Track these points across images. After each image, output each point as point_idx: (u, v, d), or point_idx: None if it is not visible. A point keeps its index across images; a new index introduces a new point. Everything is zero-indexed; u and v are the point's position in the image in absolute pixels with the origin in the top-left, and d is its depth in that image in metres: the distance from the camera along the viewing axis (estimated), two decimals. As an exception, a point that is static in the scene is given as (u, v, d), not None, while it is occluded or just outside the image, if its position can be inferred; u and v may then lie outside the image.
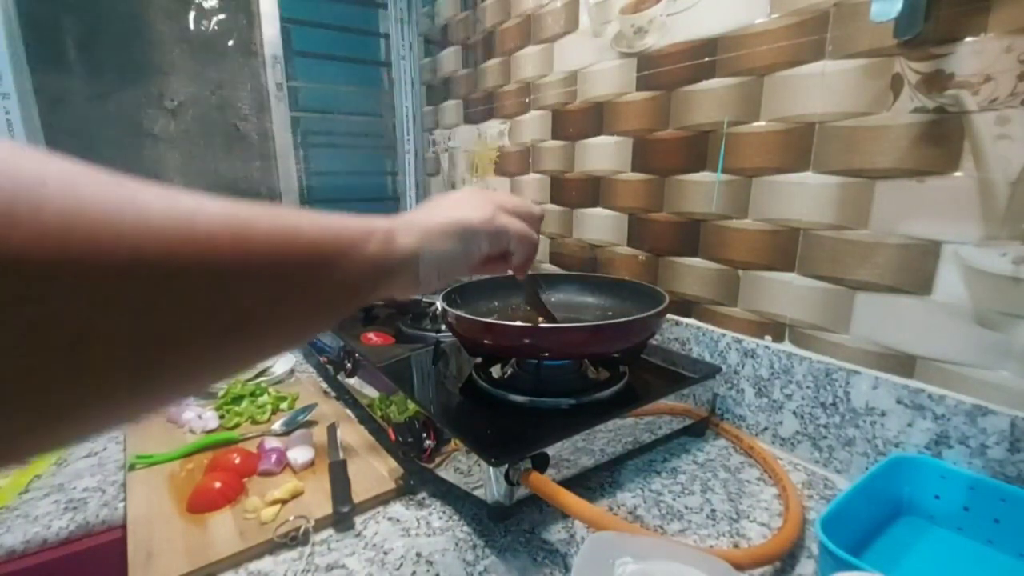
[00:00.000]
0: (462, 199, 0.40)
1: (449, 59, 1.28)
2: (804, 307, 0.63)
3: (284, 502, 0.54)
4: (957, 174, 0.49)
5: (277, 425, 0.70)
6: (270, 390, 0.79)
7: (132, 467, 0.61)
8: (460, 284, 0.79)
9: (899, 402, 0.54)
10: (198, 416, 0.71)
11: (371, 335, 0.80)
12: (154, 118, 1.18)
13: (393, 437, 0.62)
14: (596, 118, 0.88)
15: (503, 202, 0.41)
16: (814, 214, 0.60)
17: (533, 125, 1.02)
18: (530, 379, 0.63)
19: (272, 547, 0.49)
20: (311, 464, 0.61)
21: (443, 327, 0.79)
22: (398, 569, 0.47)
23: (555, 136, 0.97)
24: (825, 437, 0.61)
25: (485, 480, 0.49)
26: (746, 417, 0.70)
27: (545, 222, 1.02)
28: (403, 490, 0.57)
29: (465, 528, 0.52)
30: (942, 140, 0.49)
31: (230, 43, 1.23)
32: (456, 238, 0.37)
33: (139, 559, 0.47)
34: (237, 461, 0.60)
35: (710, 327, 0.73)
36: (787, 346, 0.65)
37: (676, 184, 0.76)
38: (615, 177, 0.86)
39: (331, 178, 1.47)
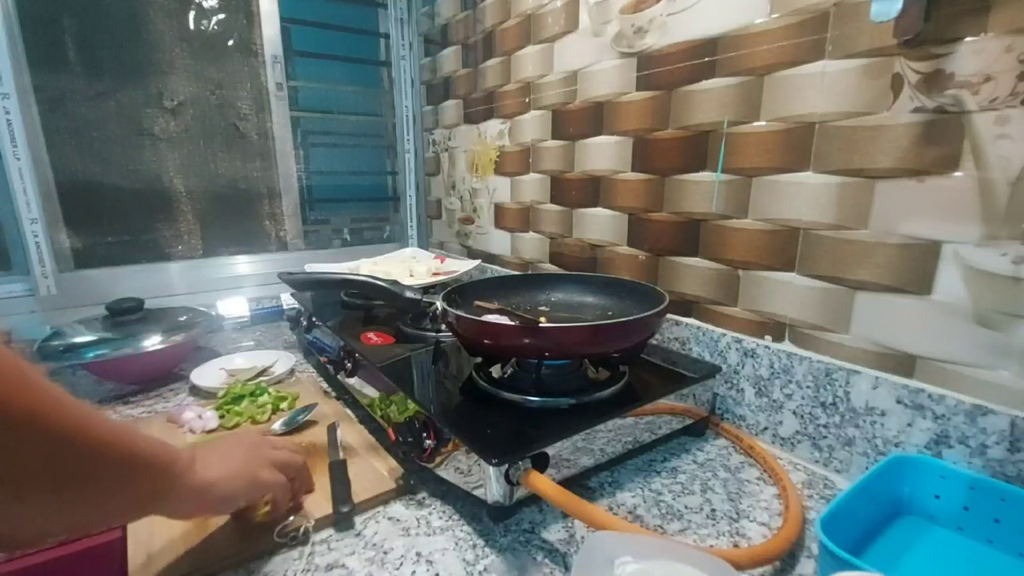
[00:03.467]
0: (237, 451, 0.48)
1: (449, 59, 1.28)
2: (804, 307, 0.63)
3: (284, 502, 0.54)
4: (957, 174, 0.49)
5: (277, 425, 0.70)
6: (270, 390, 0.79)
7: (132, 467, 0.61)
8: (460, 284, 0.79)
9: (899, 402, 0.54)
10: (198, 416, 0.71)
11: (371, 335, 0.80)
12: (154, 118, 1.18)
13: (393, 437, 0.62)
14: (596, 118, 0.88)
15: (272, 458, 0.50)
16: (814, 214, 0.60)
17: (533, 125, 1.02)
18: (530, 379, 0.63)
19: (272, 547, 0.49)
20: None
21: (443, 327, 0.79)
22: (398, 569, 0.47)
23: (555, 136, 0.97)
24: (825, 437, 0.61)
25: (485, 480, 0.49)
26: (746, 417, 0.70)
27: (545, 222, 1.03)
28: (403, 490, 0.57)
29: (465, 528, 0.52)
30: (942, 140, 0.49)
31: (230, 43, 1.23)
32: (243, 481, 0.46)
33: (139, 559, 0.47)
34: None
35: (710, 327, 0.73)
36: (787, 346, 0.65)
37: (676, 184, 0.76)
38: (615, 177, 0.86)
39: (331, 178, 1.47)
